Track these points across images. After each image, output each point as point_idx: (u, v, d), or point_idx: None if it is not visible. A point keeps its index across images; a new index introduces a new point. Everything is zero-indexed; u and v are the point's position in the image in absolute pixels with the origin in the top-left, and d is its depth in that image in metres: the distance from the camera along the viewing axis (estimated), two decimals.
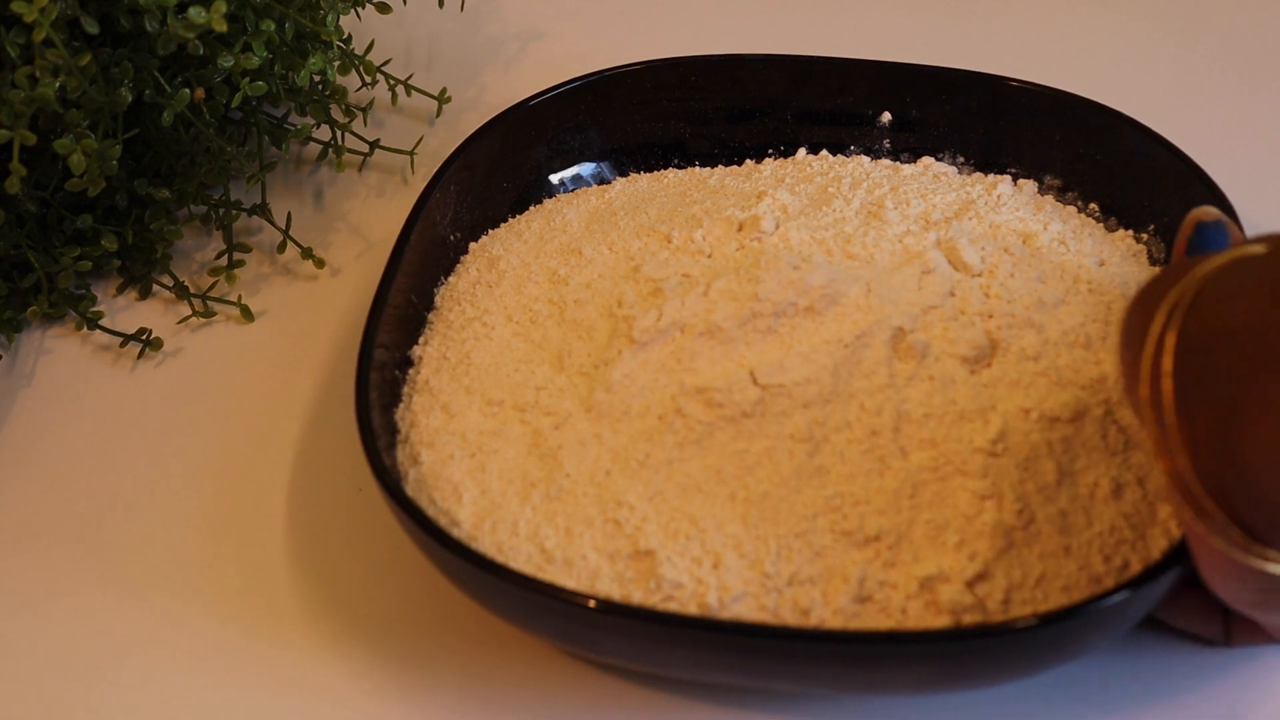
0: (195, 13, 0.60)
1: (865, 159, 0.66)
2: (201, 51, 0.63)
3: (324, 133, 0.74)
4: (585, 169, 0.68)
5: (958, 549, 0.50)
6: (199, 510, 0.62)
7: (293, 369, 0.66)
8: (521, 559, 0.52)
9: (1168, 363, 0.45)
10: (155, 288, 0.70)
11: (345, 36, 0.72)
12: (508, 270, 0.61)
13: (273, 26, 0.65)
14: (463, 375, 0.58)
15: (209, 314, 0.69)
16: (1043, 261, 0.58)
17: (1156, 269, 0.60)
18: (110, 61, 0.63)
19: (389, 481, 0.52)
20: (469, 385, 0.57)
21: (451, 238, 0.64)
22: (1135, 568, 0.50)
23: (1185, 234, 0.53)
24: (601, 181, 0.68)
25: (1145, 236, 0.62)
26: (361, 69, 0.72)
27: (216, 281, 0.70)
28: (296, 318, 0.68)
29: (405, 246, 0.61)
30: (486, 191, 0.66)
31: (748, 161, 0.68)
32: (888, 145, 0.68)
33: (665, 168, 0.68)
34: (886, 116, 0.67)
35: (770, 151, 0.68)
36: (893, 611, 0.50)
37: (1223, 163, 0.62)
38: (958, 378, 0.53)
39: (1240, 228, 0.55)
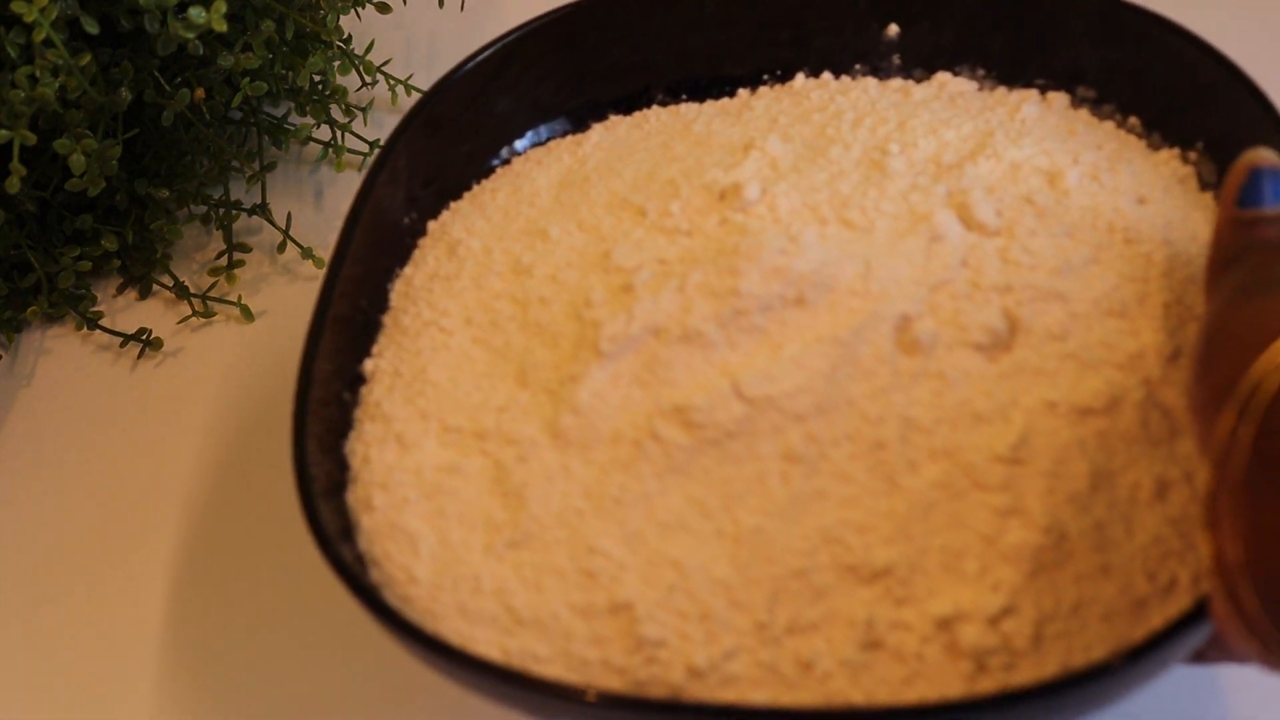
0: (195, 13, 0.60)
1: (872, 82, 0.58)
2: (201, 51, 0.63)
3: (324, 133, 0.74)
4: (557, 120, 0.60)
5: (979, 579, 0.44)
6: (198, 509, 0.62)
7: (292, 369, 0.66)
8: (487, 622, 0.46)
9: (1246, 436, 0.38)
10: (155, 288, 0.70)
11: (345, 36, 0.72)
12: (468, 258, 0.54)
13: (273, 26, 0.65)
14: (418, 396, 0.51)
15: (209, 314, 0.68)
16: (1070, 210, 0.50)
17: (1208, 196, 0.53)
18: (110, 61, 0.63)
19: (339, 563, 0.46)
20: (424, 408, 0.50)
21: (407, 220, 0.56)
22: (1184, 583, 0.44)
23: (1237, 181, 0.44)
24: (579, 130, 0.59)
25: (1193, 155, 0.54)
26: (361, 69, 0.72)
27: (216, 281, 0.70)
28: (296, 318, 0.68)
29: (349, 243, 0.53)
30: (444, 160, 0.57)
31: (741, 93, 0.60)
32: (897, 61, 0.59)
33: (649, 105, 0.60)
34: (894, 29, 0.59)
35: (766, 78, 0.60)
36: (907, 658, 0.44)
37: (1273, 71, 0.55)
38: (972, 370, 0.46)
39: None
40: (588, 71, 0.60)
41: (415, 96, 0.75)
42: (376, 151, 0.56)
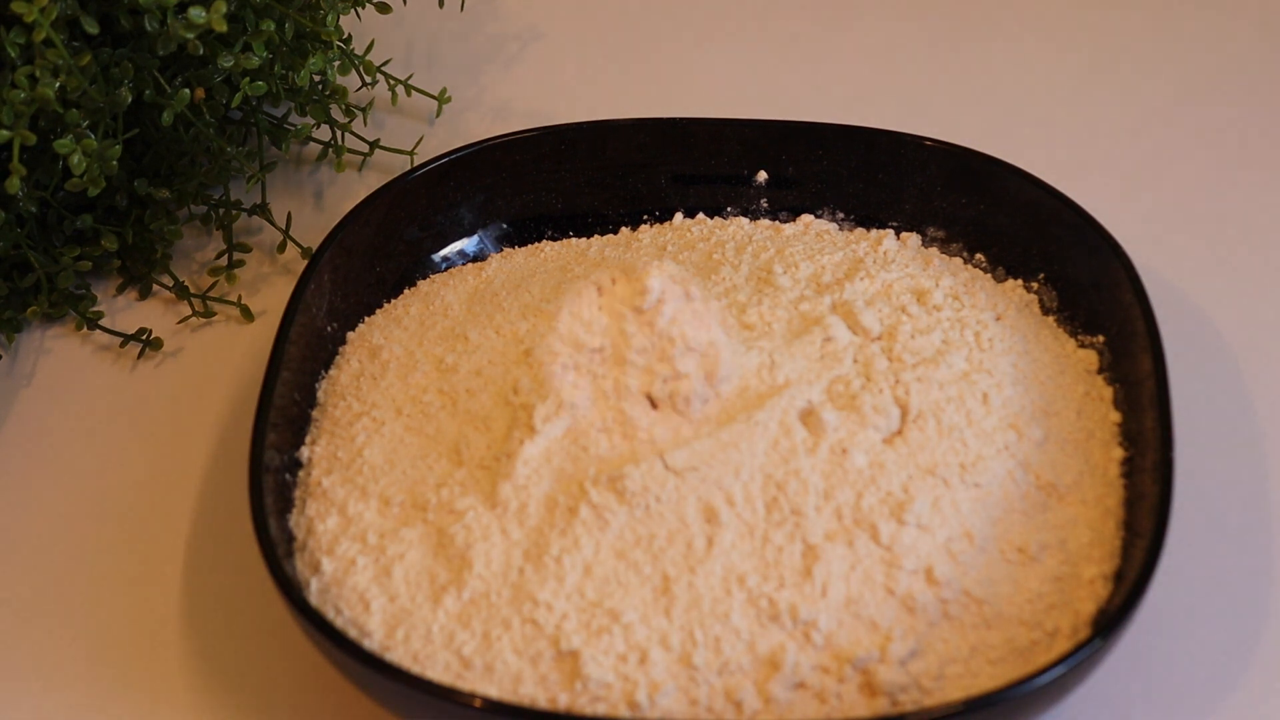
0: (195, 13, 0.60)
1: (744, 220, 0.66)
2: (201, 51, 0.63)
3: (324, 133, 0.74)
4: (459, 247, 0.66)
5: (888, 627, 0.51)
6: (199, 509, 0.62)
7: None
8: (439, 668, 0.51)
9: None
10: (155, 288, 0.70)
11: (345, 36, 0.72)
12: (391, 360, 0.60)
13: (273, 26, 0.65)
14: (356, 475, 0.56)
15: (209, 314, 0.69)
16: (941, 320, 0.58)
17: (1050, 319, 0.61)
18: (110, 61, 0.63)
19: (295, 595, 0.51)
20: (364, 485, 0.55)
21: (329, 329, 0.62)
22: (1065, 632, 0.51)
23: None
24: (477, 259, 0.66)
25: (1035, 286, 0.62)
26: (361, 69, 0.72)
27: (216, 281, 0.70)
28: None
29: (286, 339, 0.59)
30: (361, 277, 0.64)
31: (624, 230, 0.67)
32: (765, 205, 0.66)
33: (539, 240, 0.67)
34: (762, 176, 0.66)
35: (645, 218, 0.67)
36: (827, 697, 0.50)
37: (1109, 208, 0.63)
38: (868, 449, 0.53)
39: (1134, 270, 0.58)
40: (485, 207, 0.67)
41: (415, 97, 0.76)
42: (305, 262, 0.63)
